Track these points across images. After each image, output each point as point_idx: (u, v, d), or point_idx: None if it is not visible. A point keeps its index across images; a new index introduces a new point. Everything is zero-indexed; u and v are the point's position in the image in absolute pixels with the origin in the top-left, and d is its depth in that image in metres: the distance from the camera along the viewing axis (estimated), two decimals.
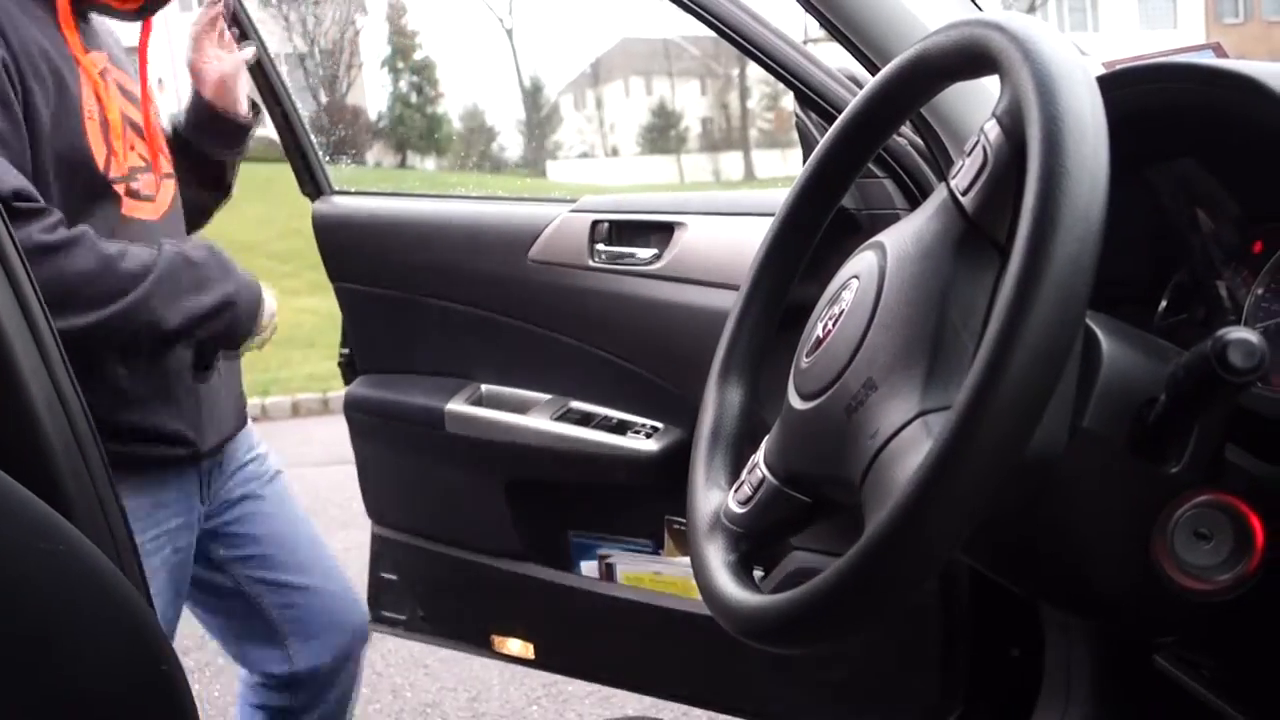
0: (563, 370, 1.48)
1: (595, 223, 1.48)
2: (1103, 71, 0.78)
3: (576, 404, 1.46)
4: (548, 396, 1.48)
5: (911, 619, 1.17)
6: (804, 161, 1.43)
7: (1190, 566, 0.61)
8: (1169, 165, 0.82)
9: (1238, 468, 0.63)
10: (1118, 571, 0.63)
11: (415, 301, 1.55)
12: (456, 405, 1.49)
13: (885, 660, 1.01)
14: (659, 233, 1.46)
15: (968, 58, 0.59)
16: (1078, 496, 0.62)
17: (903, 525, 0.47)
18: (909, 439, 0.53)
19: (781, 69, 1.13)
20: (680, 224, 1.43)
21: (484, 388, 1.54)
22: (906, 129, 1.11)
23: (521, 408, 1.49)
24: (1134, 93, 0.74)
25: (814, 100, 1.12)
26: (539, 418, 1.45)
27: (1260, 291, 0.78)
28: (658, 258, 1.44)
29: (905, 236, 0.62)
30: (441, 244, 1.56)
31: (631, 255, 1.47)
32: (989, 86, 0.58)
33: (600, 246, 1.48)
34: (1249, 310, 0.78)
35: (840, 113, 0.73)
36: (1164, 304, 0.86)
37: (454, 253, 1.55)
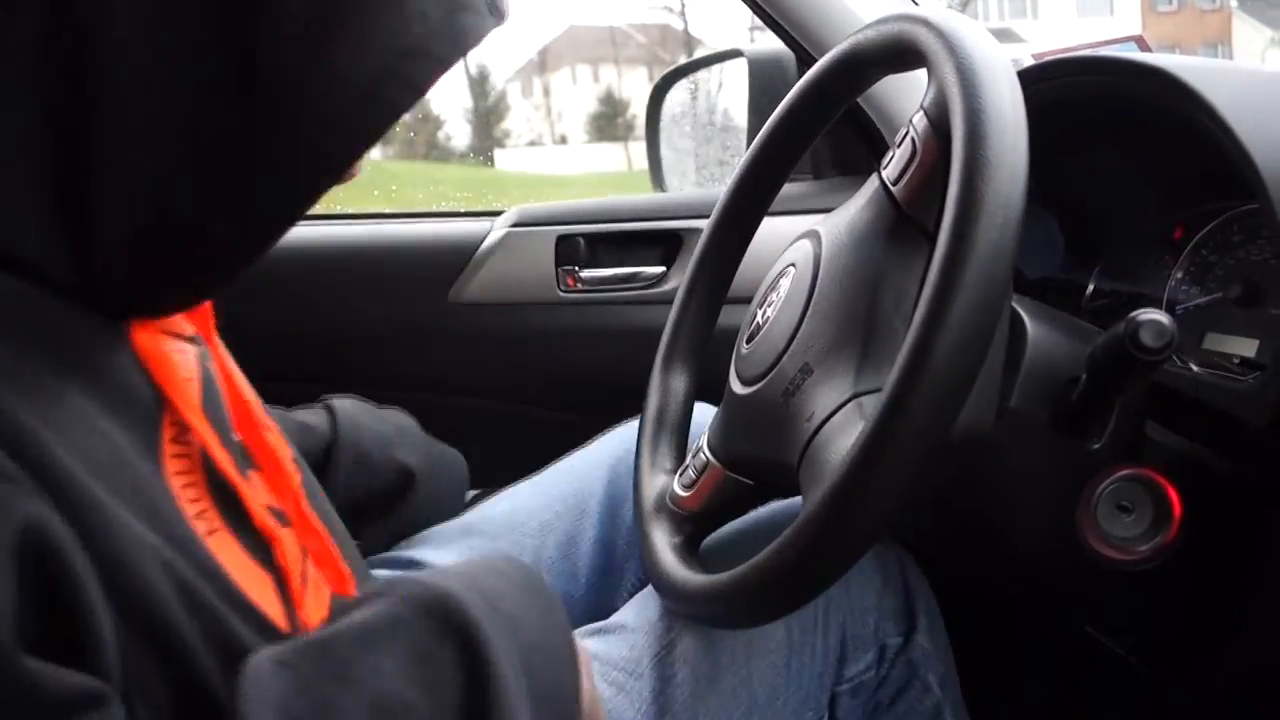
0: (507, 450, 1.00)
1: (563, 239, 1.12)
2: (1028, 64, 0.80)
3: None
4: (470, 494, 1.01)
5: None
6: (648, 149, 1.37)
7: (1113, 538, 0.64)
8: (1093, 154, 0.85)
9: (1157, 443, 0.66)
10: (1045, 544, 0.66)
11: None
12: None
13: None
14: (659, 246, 1.12)
15: (896, 52, 0.61)
16: (1006, 474, 0.65)
17: (837, 504, 0.49)
18: (843, 421, 0.55)
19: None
20: (691, 231, 1.10)
21: None
22: None
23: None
24: (1057, 85, 0.77)
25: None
26: None
27: (1179, 275, 0.81)
28: (664, 277, 1.11)
29: (839, 225, 0.63)
30: (293, 301, 1.09)
31: (631, 276, 1.13)
32: (924, 79, 0.60)
33: (578, 270, 1.11)
34: (1169, 293, 0.82)
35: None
36: (1090, 288, 0.89)
37: (313, 313, 1.11)
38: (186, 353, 0.51)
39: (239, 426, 0.54)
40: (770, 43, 1.17)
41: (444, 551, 0.81)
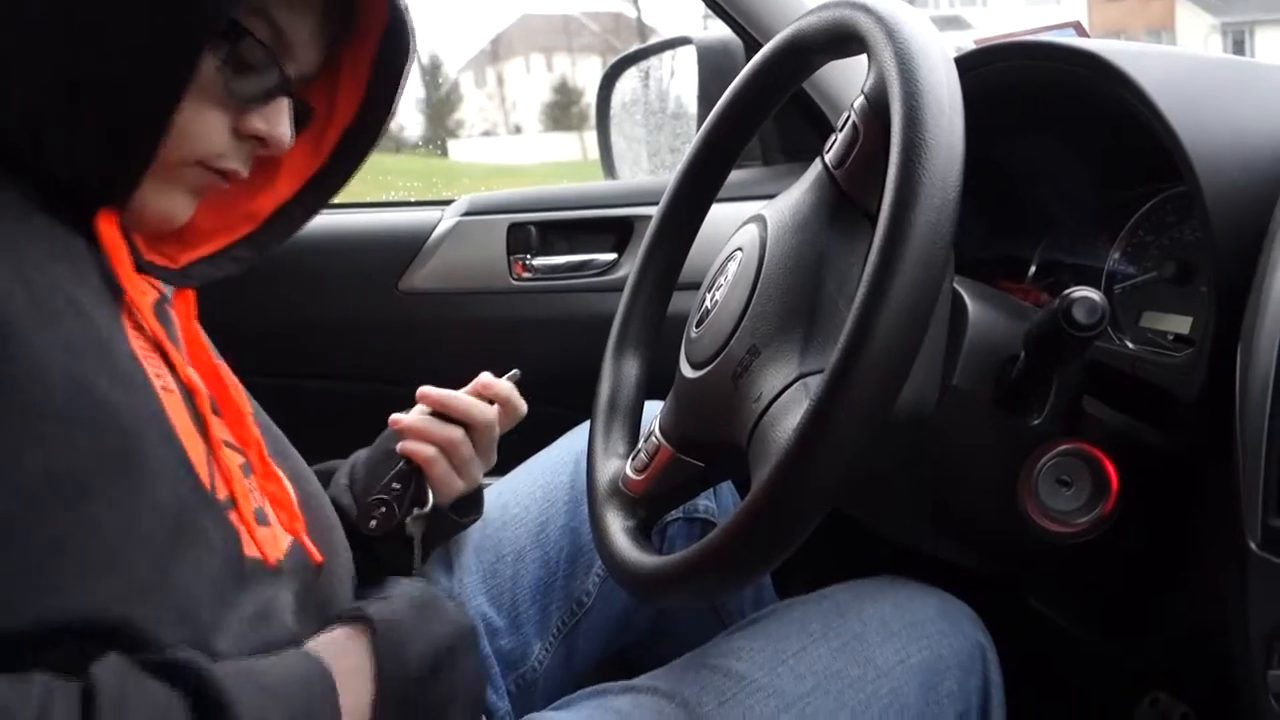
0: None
1: (515, 227, 1.11)
2: (969, 49, 0.82)
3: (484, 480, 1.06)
4: None
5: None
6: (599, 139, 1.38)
7: (1053, 511, 0.66)
8: (1032, 138, 0.87)
9: (1095, 418, 0.68)
10: (989, 519, 0.67)
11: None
12: None
13: None
14: (610, 233, 1.12)
15: (837, 38, 0.62)
16: (950, 450, 0.66)
17: (783, 481, 0.50)
18: (789, 400, 0.56)
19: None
20: (642, 217, 1.10)
21: None
22: None
23: None
24: (996, 70, 0.78)
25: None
26: None
27: (1117, 255, 0.83)
28: (616, 264, 1.10)
29: (784, 209, 0.64)
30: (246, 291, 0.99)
31: (582, 263, 1.12)
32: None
33: (529, 258, 1.10)
34: (1108, 273, 0.84)
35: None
36: (1033, 269, 0.91)
37: (262, 305, 1.08)
38: (149, 288, 0.59)
39: (205, 378, 0.59)
40: (721, 30, 1.17)
41: (433, 569, 0.84)
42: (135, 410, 0.51)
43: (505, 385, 0.82)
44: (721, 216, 0.80)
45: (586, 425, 0.86)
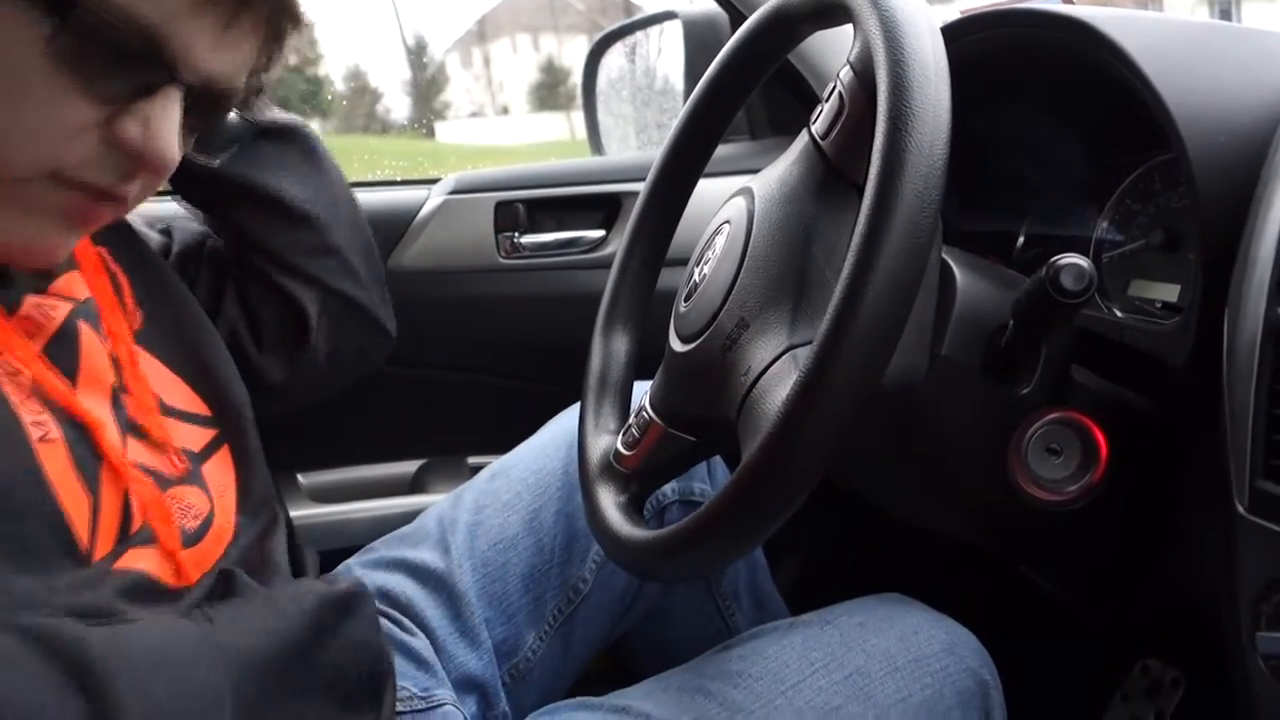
0: (454, 419, 1.11)
1: (502, 205, 1.11)
2: (954, 18, 0.81)
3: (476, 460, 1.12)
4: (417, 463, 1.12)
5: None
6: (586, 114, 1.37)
7: (1043, 480, 0.66)
8: (1020, 107, 0.87)
9: (1083, 387, 0.68)
10: (979, 488, 0.68)
11: None
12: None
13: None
14: (598, 209, 1.12)
15: (822, 7, 0.61)
16: (940, 420, 0.66)
17: (772, 453, 0.50)
18: (778, 373, 0.56)
19: None
20: (629, 194, 1.10)
21: (304, 479, 1.11)
22: None
23: (378, 490, 1.08)
24: (982, 38, 0.78)
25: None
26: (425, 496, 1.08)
27: (1105, 224, 0.83)
28: (604, 241, 1.10)
29: (771, 182, 0.64)
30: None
31: (570, 240, 1.12)
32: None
33: (517, 236, 1.11)
34: (1096, 242, 0.84)
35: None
36: (1021, 239, 0.91)
37: None
38: (56, 308, 0.56)
39: (132, 400, 0.59)
40: (707, 4, 1.16)
41: (429, 552, 0.83)
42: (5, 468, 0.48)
43: None
44: (709, 192, 0.80)
45: (577, 407, 0.85)
